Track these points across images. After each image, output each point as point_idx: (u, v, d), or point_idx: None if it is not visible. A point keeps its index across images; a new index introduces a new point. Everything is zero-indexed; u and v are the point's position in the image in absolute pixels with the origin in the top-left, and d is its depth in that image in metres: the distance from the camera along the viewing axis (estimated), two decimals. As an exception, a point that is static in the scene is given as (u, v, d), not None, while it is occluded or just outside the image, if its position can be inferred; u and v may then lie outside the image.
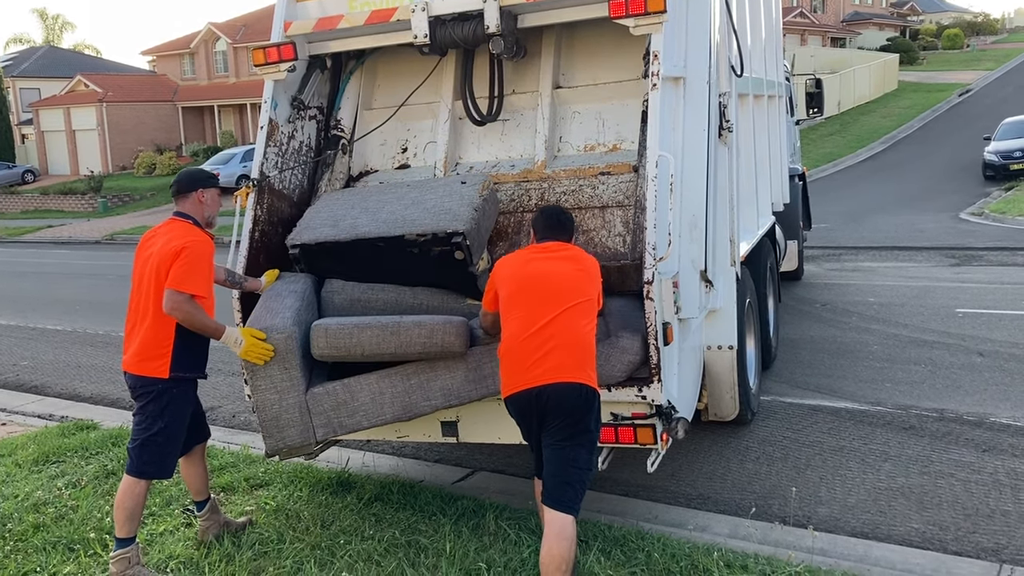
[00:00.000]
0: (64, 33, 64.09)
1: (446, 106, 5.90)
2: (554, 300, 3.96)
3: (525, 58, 5.76)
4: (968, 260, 13.88)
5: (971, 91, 42.24)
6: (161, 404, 4.43)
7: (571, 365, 3.89)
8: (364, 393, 4.54)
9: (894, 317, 9.94)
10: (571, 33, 5.79)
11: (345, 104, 6.12)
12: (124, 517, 4.42)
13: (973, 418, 6.62)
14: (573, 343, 3.91)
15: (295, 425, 4.51)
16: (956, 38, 62.87)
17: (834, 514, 5.18)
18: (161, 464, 4.51)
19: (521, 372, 3.92)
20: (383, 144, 6.13)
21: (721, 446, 6.27)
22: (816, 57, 41.75)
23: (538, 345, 3.90)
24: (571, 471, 3.89)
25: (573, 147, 5.64)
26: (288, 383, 4.48)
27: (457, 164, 5.84)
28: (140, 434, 4.45)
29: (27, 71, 51.49)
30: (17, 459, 6.45)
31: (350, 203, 5.29)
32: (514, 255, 4.29)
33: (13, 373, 10.10)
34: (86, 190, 36.75)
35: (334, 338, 4.47)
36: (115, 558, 4.40)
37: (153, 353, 4.40)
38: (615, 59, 5.60)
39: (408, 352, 4.45)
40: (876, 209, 20.62)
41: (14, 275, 20.14)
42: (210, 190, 4.66)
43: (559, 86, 5.72)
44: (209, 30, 46.70)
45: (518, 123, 5.82)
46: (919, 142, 32.31)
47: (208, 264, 4.44)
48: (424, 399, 4.56)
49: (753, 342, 7.00)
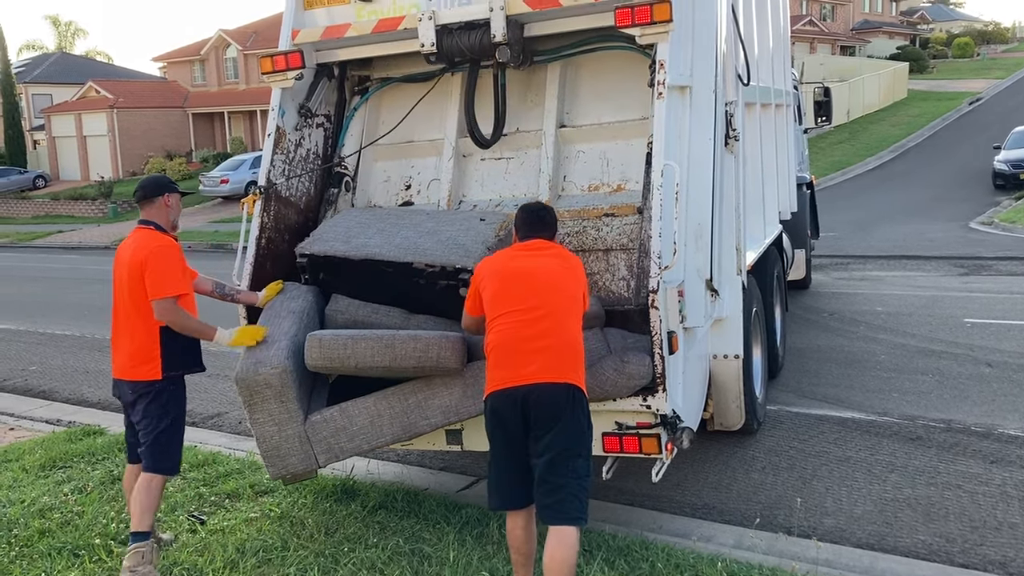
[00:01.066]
0: (76, 40, 64.41)
1: (450, 143, 5.88)
2: (542, 297, 3.86)
3: (530, 96, 5.78)
4: (977, 270, 13.82)
5: (981, 100, 42.12)
6: (161, 403, 4.60)
7: (560, 367, 3.79)
8: (362, 417, 4.51)
9: (902, 327, 9.90)
10: (576, 73, 5.77)
11: (349, 141, 6.12)
12: (140, 511, 4.53)
13: (981, 429, 6.58)
14: (563, 344, 3.82)
15: (296, 454, 4.50)
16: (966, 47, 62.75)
17: (840, 525, 5.16)
18: (172, 458, 4.69)
19: (508, 369, 3.80)
20: (387, 181, 6.12)
21: (727, 456, 6.25)
22: (825, 65, 41.70)
23: (527, 344, 3.79)
24: (573, 483, 3.74)
25: (577, 187, 5.61)
26: (286, 415, 4.46)
27: (461, 202, 5.81)
28: (148, 434, 4.60)
29: (39, 77, 51.82)
30: (24, 464, 6.48)
31: (366, 222, 5.31)
32: (496, 255, 4.20)
33: (22, 378, 10.15)
34: (96, 196, 36.89)
35: (328, 349, 4.43)
36: (130, 551, 4.50)
37: (144, 358, 4.55)
38: (619, 99, 5.60)
39: (403, 366, 4.40)
40: (885, 218, 20.57)
41: (24, 280, 20.24)
42: (175, 195, 4.78)
43: (563, 125, 5.69)
44: (220, 37, 46.94)
45: (522, 161, 5.79)
46: (928, 151, 32.22)
47: (177, 262, 4.58)
48: (423, 418, 4.52)
49: (759, 351, 6.98)
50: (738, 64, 6.02)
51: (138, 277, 4.49)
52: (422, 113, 6.03)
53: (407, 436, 4.58)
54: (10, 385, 9.86)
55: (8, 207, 39.53)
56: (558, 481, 3.73)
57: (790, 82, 9.89)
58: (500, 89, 5.69)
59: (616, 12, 4.75)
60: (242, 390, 4.44)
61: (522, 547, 3.92)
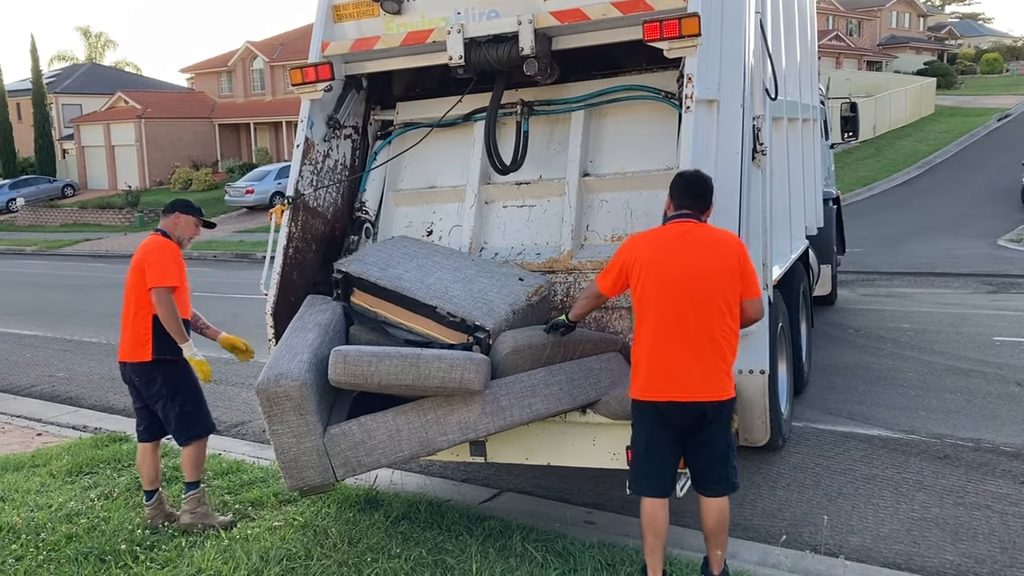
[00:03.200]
0: (106, 51, 65.57)
1: (472, 190, 5.86)
2: (700, 305, 4.03)
3: (553, 144, 5.77)
4: (1006, 287, 13.66)
5: (1010, 116, 41.72)
6: (170, 383, 5.23)
7: (721, 376, 4.05)
8: (381, 431, 4.50)
9: (929, 344, 9.80)
10: (600, 121, 5.76)
11: (370, 186, 6.12)
12: (191, 468, 5.32)
13: (1010, 449, 6.49)
14: (717, 353, 4.04)
15: (314, 466, 4.50)
16: (995, 62, 62.28)
17: (866, 544, 5.10)
18: (204, 423, 5.37)
19: (674, 379, 4.03)
20: (408, 226, 6.09)
21: (751, 472, 6.20)
22: (851, 81, 41.46)
23: (692, 353, 4.00)
24: (728, 450, 4.18)
25: (600, 236, 5.52)
26: (305, 428, 4.46)
27: (482, 249, 5.78)
28: (169, 413, 5.25)
29: (70, 88, 52.65)
30: (51, 469, 6.55)
31: (409, 254, 5.37)
32: (651, 237, 4.29)
33: (49, 384, 10.26)
34: (123, 205, 37.33)
35: (353, 365, 4.40)
36: (187, 497, 5.31)
37: (139, 341, 5.21)
38: (644, 148, 5.56)
39: (426, 385, 4.37)
40: (911, 234, 20.39)
41: (52, 287, 20.49)
42: (187, 216, 5.40)
43: (587, 174, 5.65)
44: (247, 49, 47.46)
45: (544, 209, 5.74)
46: (956, 167, 31.93)
47: (175, 259, 5.22)
48: (441, 434, 4.50)
49: (785, 367, 6.93)
50: (766, 78, 6.00)
51: (139, 269, 5.18)
52: (445, 159, 6.05)
53: (425, 452, 4.56)
54: (37, 391, 9.98)
55: (37, 215, 40.11)
56: (722, 453, 4.23)
57: (817, 97, 9.85)
58: (523, 136, 5.68)
59: (644, 26, 4.75)
60: (262, 401, 4.46)
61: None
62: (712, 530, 4.20)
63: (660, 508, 4.15)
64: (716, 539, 4.21)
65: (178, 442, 5.35)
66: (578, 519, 5.44)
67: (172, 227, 5.37)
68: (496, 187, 5.86)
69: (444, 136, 6.06)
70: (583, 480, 6.07)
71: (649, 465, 4.17)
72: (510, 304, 4.96)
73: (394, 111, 6.30)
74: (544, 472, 6.05)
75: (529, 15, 5.18)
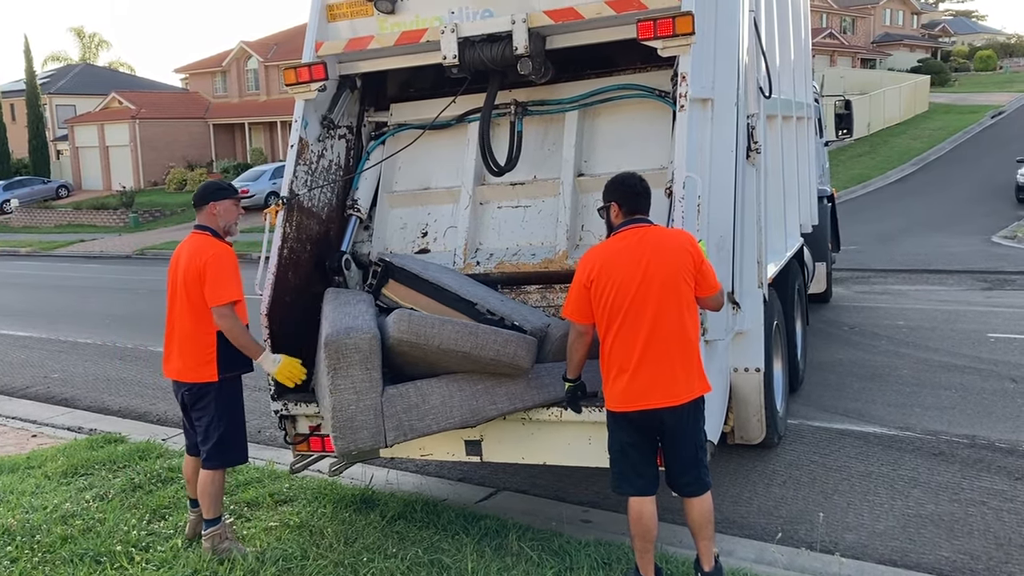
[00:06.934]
0: (100, 51, 65.27)
1: (467, 191, 5.85)
2: (663, 309, 3.99)
3: (547, 144, 5.76)
4: (1000, 284, 13.70)
5: (1004, 113, 41.82)
6: (221, 403, 4.82)
7: (677, 382, 4.01)
8: (435, 396, 4.60)
9: (924, 341, 9.82)
10: (593, 121, 5.74)
11: (363, 185, 6.07)
12: (209, 502, 4.86)
13: (1005, 445, 6.51)
14: (682, 355, 4.02)
15: (369, 427, 4.51)
16: (989, 60, 62.42)
17: (862, 540, 5.11)
18: (240, 451, 5.00)
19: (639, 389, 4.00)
20: (403, 227, 6.08)
21: (747, 470, 6.22)
22: (846, 78, 41.56)
23: (653, 360, 3.97)
24: (697, 451, 4.15)
25: (595, 237, 5.46)
26: (368, 384, 4.50)
27: (477, 250, 5.77)
28: (212, 433, 4.82)
29: (63, 88, 52.49)
30: (46, 471, 6.53)
31: (446, 271, 5.42)
32: (603, 250, 4.20)
33: (44, 385, 10.24)
34: (118, 205, 37.26)
35: (417, 325, 4.50)
36: (207, 535, 4.88)
37: (200, 360, 4.77)
38: (639, 148, 5.54)
39: (480, 356, 4.50)
40: (906, 231, 20.44)
41: (47, 288, 20.45)
42: (222, 202, 4.92)
43: (581, 174, 5.64)
44: (241, 49, 47.36)
45: (539, 210, 5.72)
46: (950, 164, 32.01)
47: (233, 269, 4.76)
48: (490, 403, 4.64)
49: (780, 365, 6.95)
50: (760, 76, 6.01)
51: (195, 283, 4.69)
52: (439, 160, 6.04)
53: (474, 420, 4.65)
54: (32, 392, 9.95)
55: (32, 216, 40.04)
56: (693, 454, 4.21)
57: (811, 95, 9.87)
58: (516, 136, 5.68)
59: (638, 25, 4.74)
60: (330, 353, 4.46)
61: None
62: (697, 524, 4.21)
63: (646, 505, 4.16)
64: (702, 533, 4.21)
65: (207, 464, 4.87)
66: (574, 518, 5.45)
67: (212, 220, 4.87)
68: (491, 188, 5.85)
69: (438, 137, 6.05)
70: (579, 479, 6.08)
71: (627, 465, 4.19)
72: (544, 320, 5.10)
73: (388, 113, 6.29)
74: (540, 471, 6.05)
75: (523, 14, 5.17)
